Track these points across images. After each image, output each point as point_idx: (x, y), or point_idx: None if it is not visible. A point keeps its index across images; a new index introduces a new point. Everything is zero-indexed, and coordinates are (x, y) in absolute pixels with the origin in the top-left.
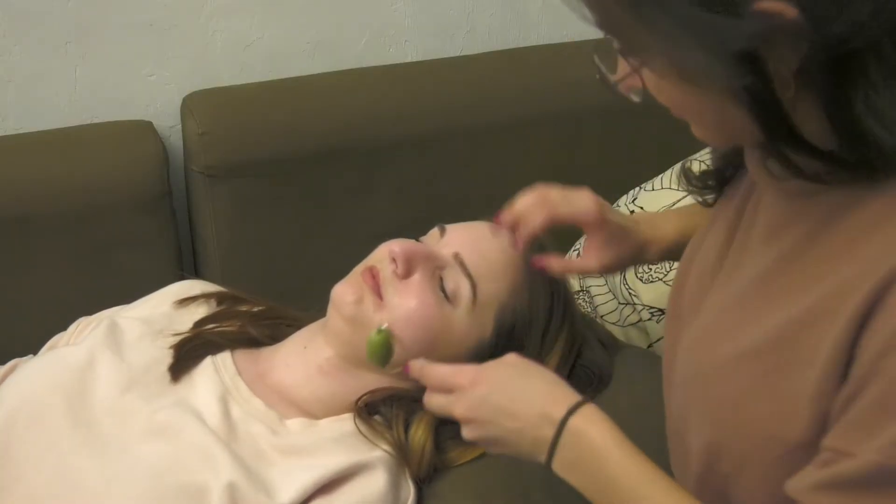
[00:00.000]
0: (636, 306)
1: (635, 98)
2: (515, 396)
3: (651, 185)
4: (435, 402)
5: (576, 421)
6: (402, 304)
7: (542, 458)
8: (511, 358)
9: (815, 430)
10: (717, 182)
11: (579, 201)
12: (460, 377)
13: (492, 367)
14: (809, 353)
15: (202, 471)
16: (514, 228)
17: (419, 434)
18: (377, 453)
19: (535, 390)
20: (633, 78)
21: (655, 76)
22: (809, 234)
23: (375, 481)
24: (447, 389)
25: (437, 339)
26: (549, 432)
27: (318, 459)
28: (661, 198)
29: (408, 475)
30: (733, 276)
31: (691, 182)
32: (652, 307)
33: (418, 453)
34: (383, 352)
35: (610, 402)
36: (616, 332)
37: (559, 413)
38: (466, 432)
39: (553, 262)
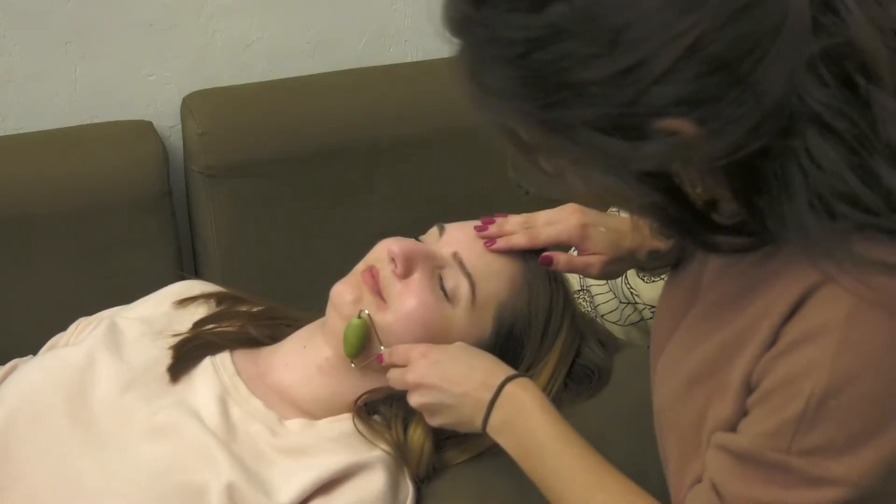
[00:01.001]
0: (637, 305)
1: (552, 196)
2: (461, 366)
3: None
4: (392, 374)
5: (510, 387)
6: (402, 303)
7: (479, 420)
8: (460, 342)
9: None
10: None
11: (562, 223)
12: (414, 350)
13: (444, 345)
14: (727, 379)
15: (201, 471)
16: (493, 239)
17: (418, 433)
18: (376, 453)
19: (478, 362)
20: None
21: (568, 188)
22: (740, 279)
23: (374, 481)
24: (403, 362)
25: (438, 339)
26: (486, 396)
27: (317, 459)
28: None
29: (407, 475)
30: (691, 315)
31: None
32: (653, 306)
33: (417, 453)
34: (358, 336)
35: (610, 402)
36: (616, 331)
37: (497, 380)
38: (414, 398)
39: (560, 258)
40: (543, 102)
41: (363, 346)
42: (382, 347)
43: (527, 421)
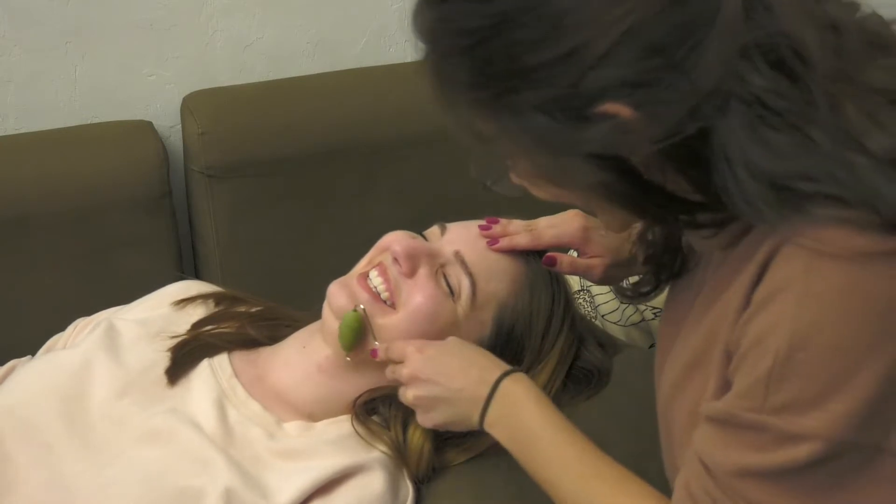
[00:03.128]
0: (639, 306)
1: (513, 193)
2: (458, 361)
3: None
4: (390, 369)
5: (507, 381)
6: (408, 300)
7: (476, 416)
8: (453, 338)
9: None
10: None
11: (564, 226)
12: (410, 345)
13: (439, 341)
14: (714, 356)
15: (198, 476)
16: (496, 238)
17: (418, 434)
18: (375, 454)
19: (475, 358)
20: (509, 178)
21: (526, 179)
22: (727, 265)
23: (373, 482)
24: (399, 357)
25: (443, 335)
26: (483, 392)
27: (315, 461)
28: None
29: (406, 476)
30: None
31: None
32: (655, 307)
33: (417, 454)
34: (352, 329)
35: (611, 402)
36: (617, 331)
37: (494, 376)
38: (410, 392)
39: (563, 259)
40: (496, 90)
41: (358, 339)
42: (377, 343)
43: (521, 413)
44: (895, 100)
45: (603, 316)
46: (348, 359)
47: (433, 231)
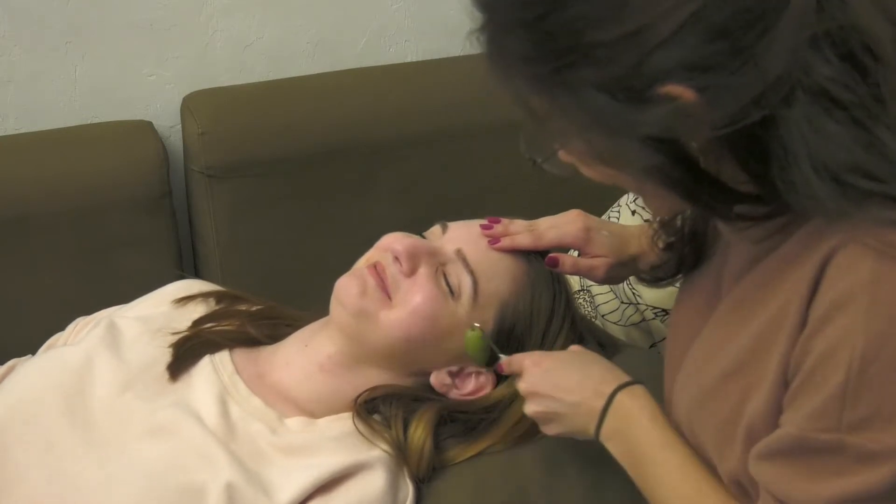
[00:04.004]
0: (639, 306)
1: (562, 173)
2: (574, 374)
3: None
4: (515, 383)
5: (621, 395)
6: (407, 299)
7: (592, 428)
8: (575, 347)
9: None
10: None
11: (566, 226)
12: (527, 359)
13: (557, 352)
14: (765, 369)
15: (200, 471)
16: (498, 238)
17: (418, 433)
18: (376, 453)
19: (592, 370)
20: (561, 157)
21: (578, 158)
22: (768, 263)
23: (374, 481)
24: (518, 371)
25: (444, 334)
26: (599, 405)
27: (317, 459)
28: None
29: (407, 474)
30: (719, 312)
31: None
32: (656, 307)
33: (417, 452)
34: (481, 348)
35: None
36: (617, 331)
37: (610, 388)
38: (528, 407)
39: (565, 259)
40: (555, 65)
41: (488, 353)
42: (502, 356)
43: (633, 429)
44: None
45: (603, 316)
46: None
47: (434, 230)
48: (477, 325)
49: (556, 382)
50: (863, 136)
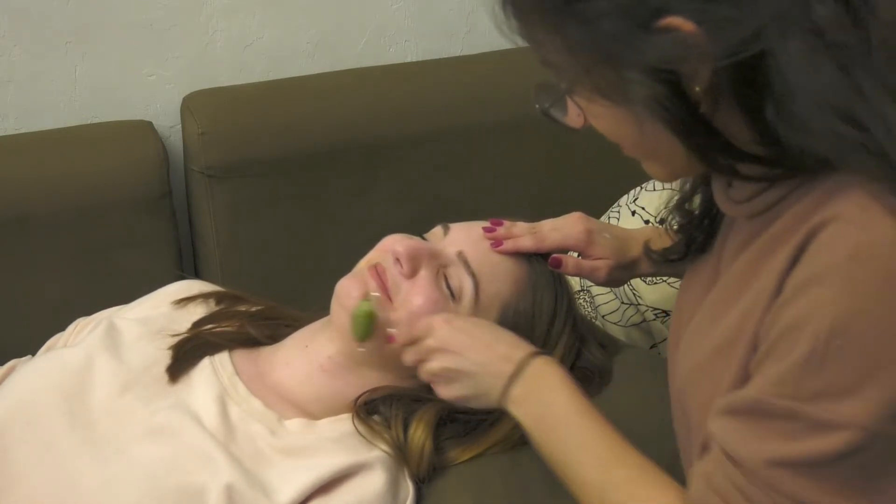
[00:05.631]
0: (640, 307)
1: (574, 125)
2: (485, 335)
3: (652, 184)
4: (412, 351)
5: (538, 362)
6: (408, 301)
7: (497, 392)
8: (483, 319)
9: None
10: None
11: (567, 228)
12: (437, 318)
13: (466, 315)
14: (746, 337)
15: (200, 472)
16: (500, 240)
17: (418, 434)
18: (376, 453)
19: (503, 335)
20: (572, 107)
21: (585, 101)
22: (758, 244)
23: (374, 481)
24: (425, 331)
25: None
26: (508, 369)
27: (316, 460)
28: (662, 197)
29: (407, 475)
30: (714, 292)
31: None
32: (656, 308)
33: (417, 453)
34: (368, 316)
35: (612, 403)
36: (617, 332)
37: (521, 355)
38: (432, 363)
39: (568, 261)
40: None
41: (372, 327)
42: (392, 330)
43: (548, 394)
44: None
45: (603, 316)
46: (360, 349)
47: (436, 232)
48: (375, 293)
49: (465, 340)
50: (848, 81)
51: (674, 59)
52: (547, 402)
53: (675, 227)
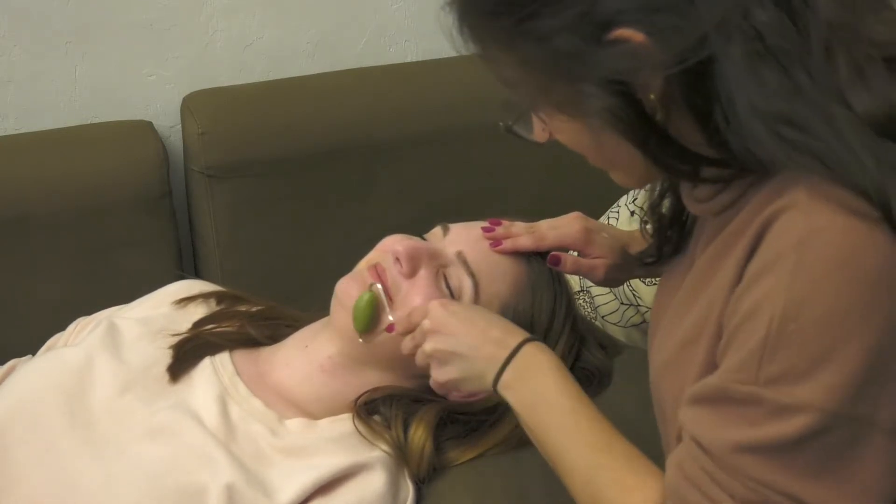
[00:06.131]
0: (640, 308)
1: (539, 139)
2: (480, 320)
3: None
4: (409, 338)
5: (529, 346)
6: (408, 301)
7: (490, 376)
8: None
9: None
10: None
11: (566, 228)
12: (434, 302)
13: (460, 301)
14: (709, 329)
15: (200, 472)
16: (499, 240)
17: (419, 434)
18: (376, 453)
19: (497, 321)
20: (537, 122)
21: (547, 115)
22: (718, 240)
23: (374, 481)
24: (422, 315)
25: None
26: (502, 353)
27: (317, 460)
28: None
29: (407, 475)
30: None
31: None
32: None
33: (418, 453)
34: (371, 306)
35: (612, 402)
36: (617, 332)
37: (514, 340)
38: (429, 344)
39: (567, 259)
40: (517, 17)
41: (374, 318)
42: (391, 318)
43: (541, 378)
44: (890, 56)
45: (603, 317)
46: (362, 341)
47: (435, 232)
48: (377, 285)
49: (460, 324)
50: (786, 82)
51: (626, 70)
52: (538, 387)
53: (649, 230)
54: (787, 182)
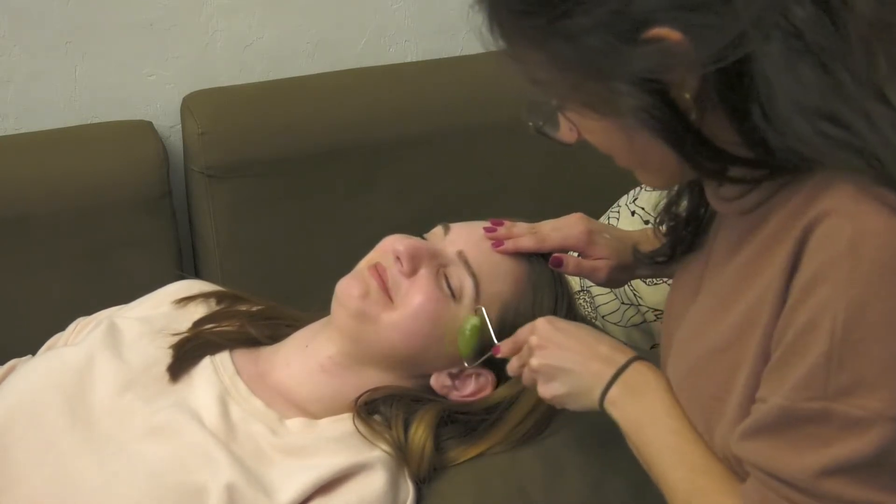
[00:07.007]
0: (640, 308)
1: (567, 140)
2: (587, 337)
3: None
4: (517, 359)
5: (639, 365)
6: (408, 300)
7: (597, 392)
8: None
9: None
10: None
11: (568, 229)
12: (539, 319)
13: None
14: (750, 343)
15: (200, 471)
16: (501, 241)
17: (419, 434)
18: (376, 453)
19: (603, 337)
20: (564, 123)
21: (577, 115)
22: (754, 243)
23: (374, 481)
24: (529, 331)
25: (445, 336)
26: (610, 370)
27: (317, 459)
28: (662, 197)
29: (407, 475)
30: (706, 290)
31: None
32: (656, 309)
33: (418, 453)
34: (473, 337)
35: None
36: (617, 332)
37: (624, 357)
38: (535, 359)
39: (569, 260)
40: (549, 17)
41: (481, 343)
42: (497, 341)
43: (649, 396)
44: None
45: (603, 317)
46: (466, 365)
47: (436, 231)
48: (482, 308)
49: (568, 339)
50: (826, 80)
51: (661, 69)
52: (645, 405)
53: (663, 229)
54: (826, 183)
